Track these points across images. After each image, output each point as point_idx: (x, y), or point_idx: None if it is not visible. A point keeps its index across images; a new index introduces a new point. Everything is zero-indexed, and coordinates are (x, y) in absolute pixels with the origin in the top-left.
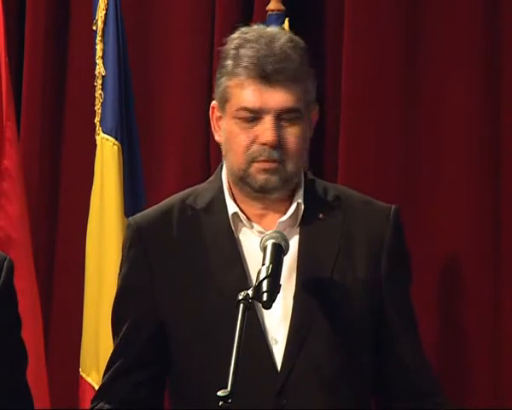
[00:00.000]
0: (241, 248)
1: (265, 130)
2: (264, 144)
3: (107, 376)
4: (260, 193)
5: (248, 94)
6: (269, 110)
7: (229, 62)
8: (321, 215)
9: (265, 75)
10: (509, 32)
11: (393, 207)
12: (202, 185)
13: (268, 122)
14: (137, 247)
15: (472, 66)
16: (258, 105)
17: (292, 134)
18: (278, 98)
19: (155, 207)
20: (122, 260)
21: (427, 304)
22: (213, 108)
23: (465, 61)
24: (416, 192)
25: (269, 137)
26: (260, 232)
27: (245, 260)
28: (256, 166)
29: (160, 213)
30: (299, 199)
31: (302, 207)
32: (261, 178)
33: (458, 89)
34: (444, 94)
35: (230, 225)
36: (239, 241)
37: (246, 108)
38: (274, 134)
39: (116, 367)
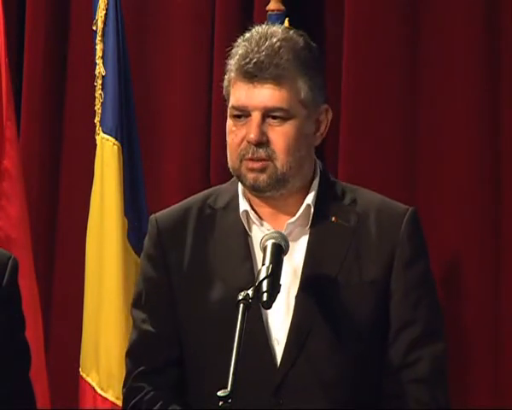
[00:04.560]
0: (252, 246)
1: (250, 128)
2: (249, 142)
3: (138, 371)
4: (253, 192)
5: (236, 92)
6: (254, 108)
7: (229, 61)
8: (333, 218)
9: (250, 73)
10: (509, 33)
11: (410, 209)
12: (224, 185)
13: (253, 120)
14: (155, 244)
15: (472, 66)
16: (243, 103)
17: (280, 133)
18: (262, 96)
19: (178, 204)
20: (142, 255)
21: None
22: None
23: (465, 62)
24: (415, 192)
25: (252, 135)
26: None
27: (255, 258)
28: (245, 164)
29: (180, 212)
30: (310, 201)
31: (312, 209)
32: (250, 177)
33: (458, 89)
34: (444, 94)
35: (242, 223)
36: (251, 239)
37: (233, 107)
38: (257, 132)
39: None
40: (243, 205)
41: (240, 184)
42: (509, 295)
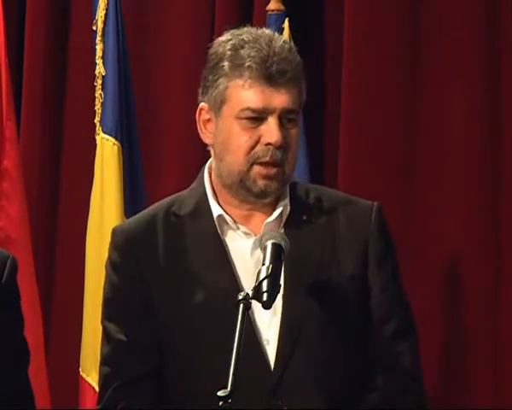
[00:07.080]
0: (228, 250)
1: (270, 130)
2: (268, 144)
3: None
4: (258, 198)
5: (252, 94)
6: (273, 110)
7: (227, 63)
8: (304, 217)
9: (270, 75)
10: (509, 33)
11: (375, 204)
12: (186, 192)
13: (273, 122)
14: (124, 253)
15: (472, 66)
16: (262, 105)
17: (293, 135)
18: (282, 99)
19: (138, 215)
20: (108, 265)
21: (427, 304)
22: (202, 109)
23: (465, 62)
24: (415, 192)
25: (274, 137)
26: (246, 233)
27: (233, 261)
28: (257, 168)
29: (145, 222)
30: (286, 201)
31: (288, 208)
32: (261, 183)
33: (458, 89)
34: (444, 94)
35: (216, 229)
36: (225, 243)
37: (250, 109)
38: (280, 135)
39: (117, 380)
40: (216, 210)
41: (209, 189)
42: (509, 296)
